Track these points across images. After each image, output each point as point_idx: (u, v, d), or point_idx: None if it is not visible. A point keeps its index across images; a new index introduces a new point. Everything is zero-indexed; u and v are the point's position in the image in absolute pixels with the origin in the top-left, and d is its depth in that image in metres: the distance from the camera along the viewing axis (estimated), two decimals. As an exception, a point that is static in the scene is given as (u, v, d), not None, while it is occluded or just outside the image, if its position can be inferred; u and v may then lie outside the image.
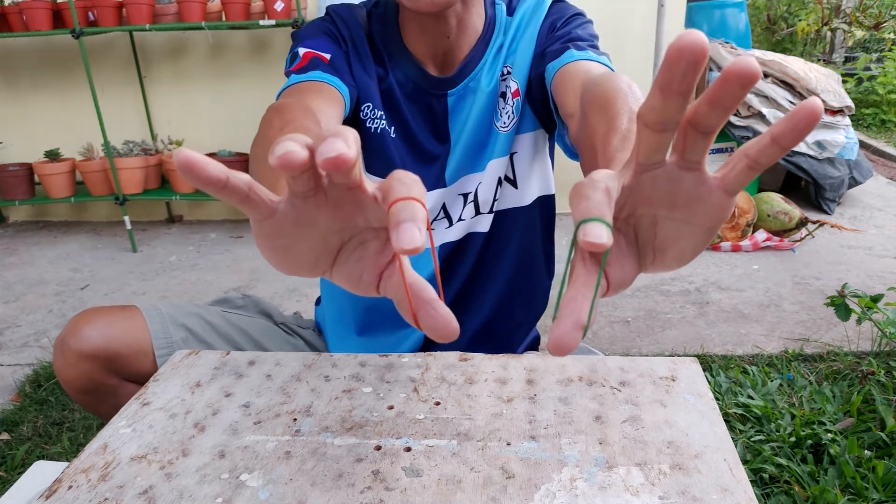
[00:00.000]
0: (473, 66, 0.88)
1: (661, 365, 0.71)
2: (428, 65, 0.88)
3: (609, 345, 1.95)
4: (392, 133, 0.89)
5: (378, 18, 0.89)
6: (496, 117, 0.90)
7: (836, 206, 3.11)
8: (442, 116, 0.89)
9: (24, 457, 1.48)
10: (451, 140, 0.90)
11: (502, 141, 0.90)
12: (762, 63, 3.02)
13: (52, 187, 2.92)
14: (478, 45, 0.88)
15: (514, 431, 0.61)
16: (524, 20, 0.89)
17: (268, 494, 0.54)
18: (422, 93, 0.88)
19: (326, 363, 0.75)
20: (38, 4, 2.70)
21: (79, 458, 0.59)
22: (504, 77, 0.89)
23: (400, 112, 0.89)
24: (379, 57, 0.89)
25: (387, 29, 0.88)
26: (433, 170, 0.91)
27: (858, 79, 5.41)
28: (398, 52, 0.88)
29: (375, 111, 0.89)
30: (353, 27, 0.88)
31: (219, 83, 3.13)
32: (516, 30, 0.89)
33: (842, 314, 1.53)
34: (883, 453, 1.31)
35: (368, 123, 0.89)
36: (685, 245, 0.37)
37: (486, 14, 0.89)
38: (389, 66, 0.88)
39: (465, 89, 0.89)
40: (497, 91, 0.89)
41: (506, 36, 0.89)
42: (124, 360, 0.85)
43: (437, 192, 0.91)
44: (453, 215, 0.93)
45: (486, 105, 0.89)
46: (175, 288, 2.51)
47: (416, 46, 0.87)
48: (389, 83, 0.88)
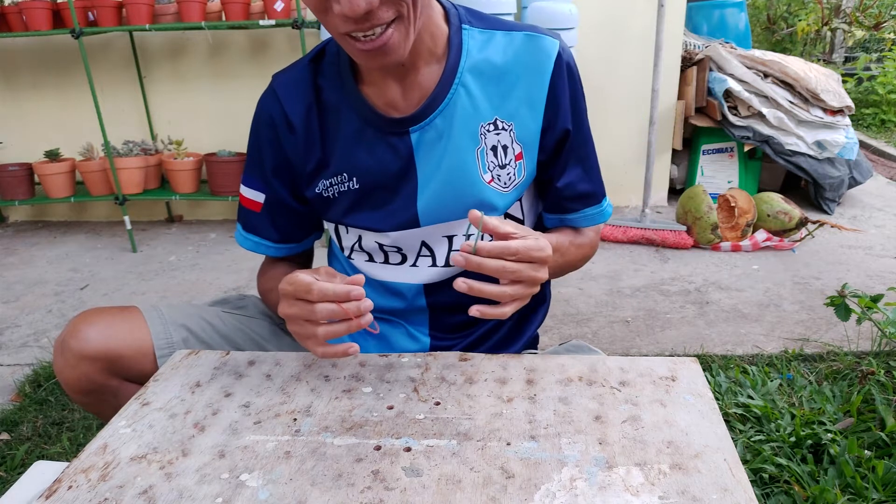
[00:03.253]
0: (440, 100, 0.82)
1: (661, 365, 0.71)
2: (389, 97, 0.82)
3: (609, 345, 1.95)
4: (354, 184, 0.85)
5: (331, 59, 0.85)
6: (483, 168, 0.84)
7: (836, 206, 3.11)
8: (406, 153, 0.84)
9: (24, 457, 1.48)
10: (417, 177, 0.84)
11: (501, 199, 0.86)
12: (762, 63, 3.02)
13: (51, 187, 2.92)
14: (444, 74, 0.81)
15: (514, 431, 0.61)
16: (525, 63, 0.83)
17: (268, 494, 0.54)
18: (381, 136, 0.83)
19: (326, 363, 0.75)
20: (38, 4, 2.70)
21: (79, 458, 0.59)
22: (497, 129, 0.84)
23: (357, 162, 0.84)
24: (328, 111, 0.85)
25: (339, 71, 0.84)
26: (399, 206, 0.86)
27: (858, 79, 5.41)
28: (351, 94, 0.83)
29: (326, 182, 0.87)
30: (278, 122, 0.86)
31: (218, 83, 3.13)
32: (507, 65, 0.83)
33: (842, 314, 1.53)
34: (883, 453, 1.31)
35: (325, 193, 0.88)
36: None
37: (451, 36, 0.82)
38: (344, 114, 0.84)
39: (431, 127, 0.82)
40: (478, 137, 0.83)
41: (493, 63, 0.83)
42: (125, 361, 0.85)
43: (411, 231, 0.87)
44: (438, 256, 0.89)
45: (463, 147, 0.83)
46: (175, 288, 2.51)
47: (372, 79, 0.82)
48: (344, 135, 0.84)
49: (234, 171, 2.87)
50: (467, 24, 0.84)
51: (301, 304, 0.69)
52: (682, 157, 3.33)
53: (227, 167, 2.86)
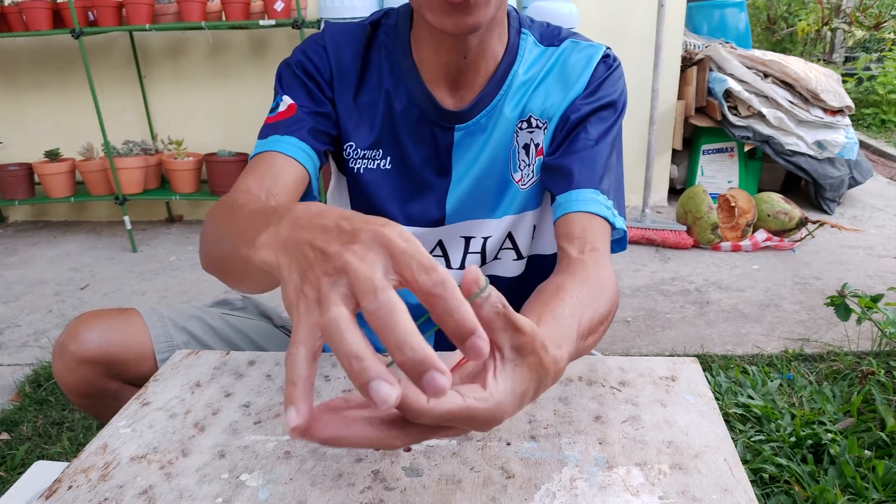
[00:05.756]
0: (488, 101, 0.80)
1: (661, 365, 0.71)
2: (439, 88, 0.80)
3: (609, 345, 1.95)
4: (386, 164, 0.83)
5: (388, 31, 0.82)
6: (514, 167, 0.83)
7: (836, 206, 3.11)
8: (445, 149, 0.82)
9: (24, 457, 1.48)
10: (451, 174, 0.83)
11: (522, 197, 0.84)
12: (762, 63, 3.02)
13: (51, 187, 2.92)
14: (496, 75, 0.80)
15: (514, 431, 0.61)
16: (564, 65, 0.82)
17: (268, 494, 0.54)
18: (426, 122, 0.81)
19: (326, 363, 0.75)
20: (38, 4, 2.70)
21: (79, 458, 0.59)
22: (531, 128, 0.82)
23: (398, 140, 0.82)
24: (378, 80, 0.81)
25: (397, 44, 0.81)
26: (429, 203, 0.84)
27: (858, 79, 5.42)
28: (407, 71, 0.80)
29: (359, 150, 0.83)
30: (344, 55, 0.81)
31: (218, 83, 3.13)
32: (550, 70, 0.82)
33: (842, 314, 1.54)
34: (883, 453, 1.31)
35: (352, 164, 0.83)
36: None
37: (509, 39, 0.80)
38: (393, 88, 0.81)
39: (475, 126, 0.81)
40: (513, 136, 0.82)
41: (537, 71, 0.81)
42: (125, 364, 0.84)
43: (435, 229, 0.85)
44: (453, 259, 0.87)
45: (499, 147, 0.82)
46: (175, 288, 2.51)
47: (429, 65, 0.79)
48: (390, 109, 0.81)
49: (235, 170, 2.87)
50: (527, 28, 0.83)
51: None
52: (682, 157, 3.33)
53: (227, 167, 2.86)
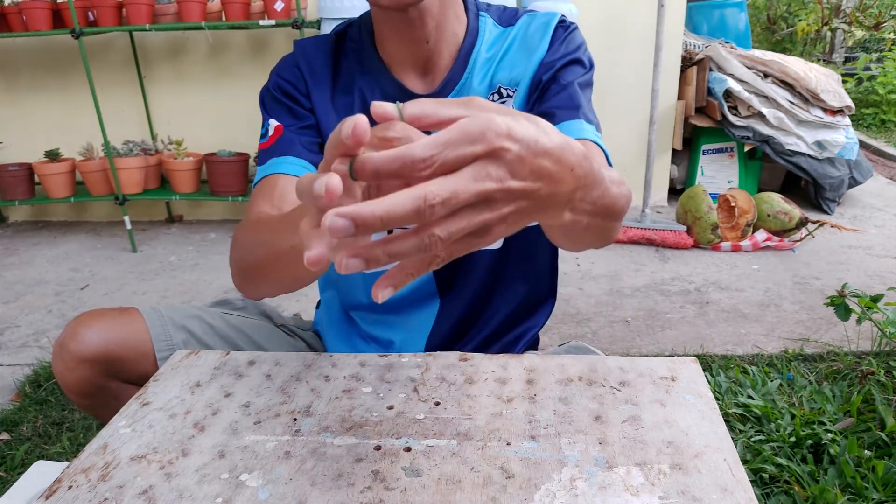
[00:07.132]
0: (456, 80, 0.85)
1: (661, 365, 0.71)
2: (408, 76, 0.85)
3: (609, 345, 1.95)
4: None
5: (353, 37, 0.87)
6: None
7: (836, 206, 3.11)
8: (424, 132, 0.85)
9: (24, 457, 1.48)
10: None
11: None
12: (762, 63, 3.02)
13: (51, 187, 2.92)
14: (460, 55, 0.85)
15: (514, 431, 0.61)
16: (524, 35, 0.86)
17: (268, 494, 0.54)
18: None
19: (326, 363, 0.75)
20: (38, 4, 2.70)
21: (79, 458, 0.59)
22: (501, 98, 0.85)
23: None
24: (351, 81, 0.86)
25: (364, 46, 0.86)
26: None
27: (858, 79, 5.41)
28: (374, 68, 0.85)
29: None
30: (315, 62, 0.86)
31: (218, 83, 3.13)
32: (511, 43, 0.86)
33: (842, 314, 1.54)
34: (883, 453, 1.31)
35: None
36: None
37: (469, 22, 0.86)
38: (367, 87, 0.85)
39: None
40: None
41: (499, 48, 0.86)
42: (125, 363, 0.85)
43: None
44: None
45: None
46: (175, 288, 2.51)
47: (395, 56, 0.84)
48: (365, 105, 0.84)
49: (234, 170, 2.87)
50: (484, 11, 0.88)
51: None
52: (682, 157, 3.33)
53: (227, 167, 2.86)
